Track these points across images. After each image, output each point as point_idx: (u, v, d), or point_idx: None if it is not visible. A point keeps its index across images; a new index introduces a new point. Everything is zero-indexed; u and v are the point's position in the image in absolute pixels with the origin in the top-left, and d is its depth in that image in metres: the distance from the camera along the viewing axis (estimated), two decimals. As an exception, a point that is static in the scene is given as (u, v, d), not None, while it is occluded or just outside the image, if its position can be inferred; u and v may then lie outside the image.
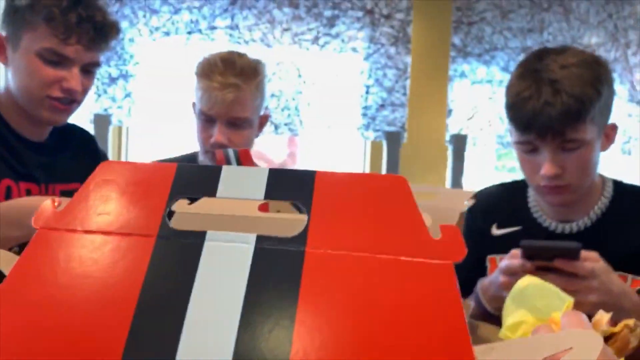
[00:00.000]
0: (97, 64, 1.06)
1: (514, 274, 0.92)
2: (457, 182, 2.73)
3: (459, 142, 2.71)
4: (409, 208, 0.45)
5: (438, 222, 0.92)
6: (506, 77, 2.75)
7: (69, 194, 1.10)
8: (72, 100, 1.02)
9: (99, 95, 2.30)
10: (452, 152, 2.72)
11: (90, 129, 2.34)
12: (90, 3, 0.99)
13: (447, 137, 2.75)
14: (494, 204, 1.29)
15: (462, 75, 2.73)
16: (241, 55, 1.29)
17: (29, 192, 1.04)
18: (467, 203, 1.05)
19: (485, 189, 1.36)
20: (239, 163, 1.00)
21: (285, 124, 2.53)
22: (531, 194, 1.24)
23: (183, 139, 3.48)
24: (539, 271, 0.90)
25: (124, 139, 2.54)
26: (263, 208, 0.74)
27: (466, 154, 2.75)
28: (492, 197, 1.31)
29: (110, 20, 1.03)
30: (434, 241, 0.43)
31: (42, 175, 1.07)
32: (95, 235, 0.46)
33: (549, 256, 0.94)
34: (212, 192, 0.47)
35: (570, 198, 1.13)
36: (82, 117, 2.22)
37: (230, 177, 0.48)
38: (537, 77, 1.04)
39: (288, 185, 0.47)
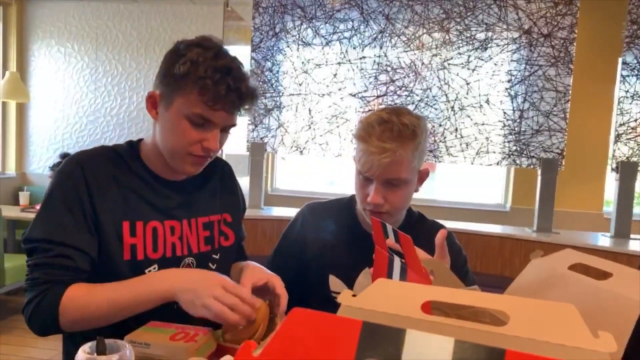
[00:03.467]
0: (234, 125, 1.12)
1: None
2: (624, 214, 2.44)
3: (628, 169, 2.42)
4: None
5: (615, 318, 0.83)
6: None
7: (210, 225, 1.17)
8: (208, 156, 1.09)
9: (256, 126, 2.46)
10: (619, 181, 2.44)
11: (246, 155, 2.53)
12: (238, 74, 1.04)
13: (613, 165, 2.47)
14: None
15: (636, 96, 2.43)
16: (400, 115, 1.23)
17: (173, 230, 1.11)
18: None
19: None
20: (398, 241, 0.98)
21: (430, 151, 2.47)
22: None
23: (329, 164, 3.61)
24: None
25: (276, 164, 2.69)
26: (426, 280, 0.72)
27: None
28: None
29: (252, 89, 1.07)
30: None
31: (184, 212, 1.14)
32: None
33: None
34: (397, 356, 0.47)
35: None
36: (240, 145, 2.39)
37: (416, 342, 0.48)
38: None
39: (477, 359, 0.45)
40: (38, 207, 1.06)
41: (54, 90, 4.72)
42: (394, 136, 1.19)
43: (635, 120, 2.43)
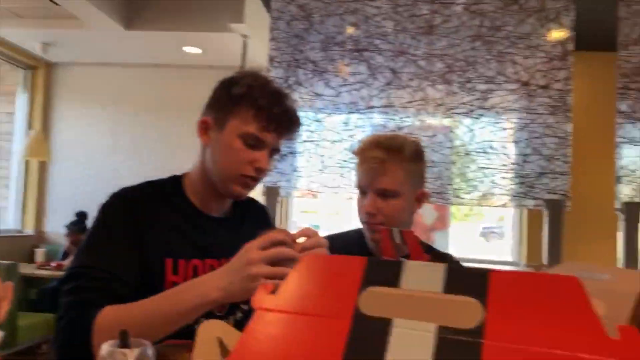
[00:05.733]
0: (279, 150, 1.19)
1: None
2: (630, 253, 2.48)
3: (632, 209, 2.49)
4: (584, 307, 0.48)
5: (611, 309, 0.90)
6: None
7: None
8: (257, 178, 1.15)
9: (270, 170, 2.59)
10: (624, 221, 2.50)
11: (261, 199, 2.63)
12: (288, 99, 1.12)
13: (618, 205, 2.54)
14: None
15: (633, 141, 2.54)
16: (394, 137, 1.39)
17: (212, 268, 1.09)
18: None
19: None
20: (403, 241, 1.05)
21: (438, 193, 2.57)
22: None
23: (342, 206, 3.70)
24: None
25: (290, 208, 2.79)
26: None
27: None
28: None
29: (298, 116, 1.16)
30: (612, 341, 0.45)
31: (224, 250, 1.12)
32: (301, 316, 0.56)
33: None
34: (396, 283, 0.55)
35: None
36: (255, 189, 2.49)
37: (412, 271, 0.56)
38: None
39: (465, 281, 0.53)
40: (54, 264, 1.10)
41: (75, 150, 4.85)
42: (383, 148, 1.33)
43: (635, 163, 2.53)
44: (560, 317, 0.47)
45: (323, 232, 1.49)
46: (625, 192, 2.53)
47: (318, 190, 2.63)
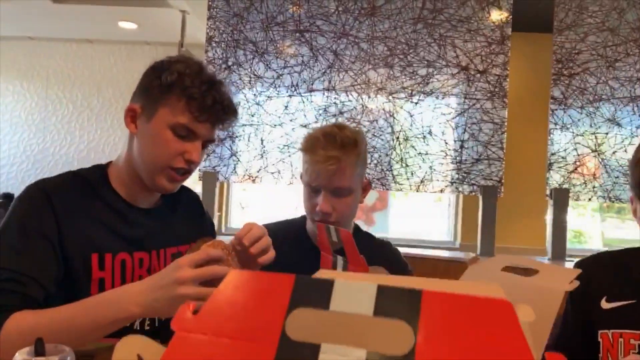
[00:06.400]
0: (214, 141, 1.14)
1: None
2: (559, 237, 2.60)
3: (561, 195, 2.59)
4: (515, 333, 0.46)
5: (539, 308, 0.91)
6: (612, 128, 2.61)
7: (178, 257, 1.18)
8: (188, 171, 1.09)
9: (208, 155, 2.50)
10: (552, 206, 2.61)
11: (198, 184, 2.54)
12: (222, 88, 1.06)
13: (547, 191, 2.64)
14: (603, 275, 1.21)
15: (564, 127, 2.64)
16: (342, 128, 1.36)
17: (141, 262, 1.07)
18: (571, 286, 1.01)
19: (590, 257, 1.29)
20: (339, 239, 1.04)
21: (378, 179, 2.58)
22: None
23: (283, 193, 3.66)
24: None
25: (230, 193, 2.72)
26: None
27: (568, 208, 2.62)
28: (599, 267, 1.24)
29: (234, 105, 1.11)
30: (540, 369, 0.44)
31: (152, 243, 1.11)
32: (224, 339, 0.53)
33: None
34: (325, 305, 0.52)
35: None
36: (189, 180, 2.41)
37: (342, 291, 0.53)
38: None
39: (396, 303, 0.50)
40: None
41: (1, 128, 4.60)
42: (338, 146, 1.29)
43: (565, 150, 2.63)
44: (490, 343, 0.46)
45: (266, 220, 1.43)
46: (555, 178, 2.63)
47: (258, 175, 2.58)
